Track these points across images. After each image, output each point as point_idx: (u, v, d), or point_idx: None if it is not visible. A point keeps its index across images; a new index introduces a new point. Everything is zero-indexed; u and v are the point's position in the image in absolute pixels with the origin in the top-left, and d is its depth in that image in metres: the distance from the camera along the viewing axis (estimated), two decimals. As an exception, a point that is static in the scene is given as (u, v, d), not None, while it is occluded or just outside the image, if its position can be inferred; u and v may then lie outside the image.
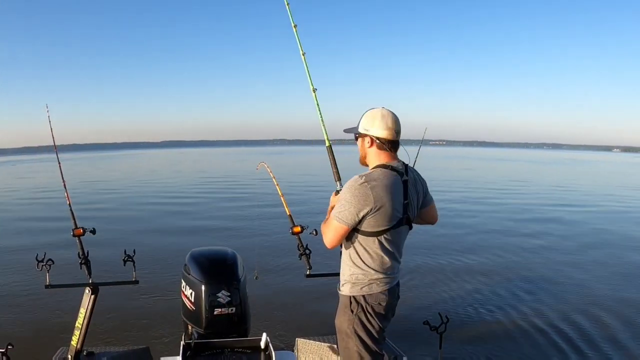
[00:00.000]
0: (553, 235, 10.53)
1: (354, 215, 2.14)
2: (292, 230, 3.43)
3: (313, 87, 2.69)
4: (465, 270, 7.50)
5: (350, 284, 2.27)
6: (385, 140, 2.23)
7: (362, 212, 2.13)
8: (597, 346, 4.79)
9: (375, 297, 2.25)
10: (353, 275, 2.26)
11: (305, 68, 2.72)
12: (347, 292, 2.28)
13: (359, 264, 2.24)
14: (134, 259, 3.26)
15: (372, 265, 2.23)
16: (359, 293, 2.25)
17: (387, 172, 2.20)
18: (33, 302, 5.82)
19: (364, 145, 2.30)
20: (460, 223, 11.69)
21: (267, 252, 8.01)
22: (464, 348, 4.59)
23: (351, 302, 2.26)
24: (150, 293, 6.04)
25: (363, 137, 2.29)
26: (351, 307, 2.26)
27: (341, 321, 2.31)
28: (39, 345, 4.41)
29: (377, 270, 2.24)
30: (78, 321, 3.25)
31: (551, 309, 5.81)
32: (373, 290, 2.25)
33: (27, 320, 5.38)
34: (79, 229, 3.29)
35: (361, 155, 2.35)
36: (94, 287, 3.23)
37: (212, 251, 3.16)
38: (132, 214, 13.86)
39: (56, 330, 4.86)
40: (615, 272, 7.53)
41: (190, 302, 2.86)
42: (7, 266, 7.80)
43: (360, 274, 2.24)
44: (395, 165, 2.24)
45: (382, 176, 2.18)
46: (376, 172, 2.21)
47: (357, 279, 2.25)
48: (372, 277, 2.24)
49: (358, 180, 2.15)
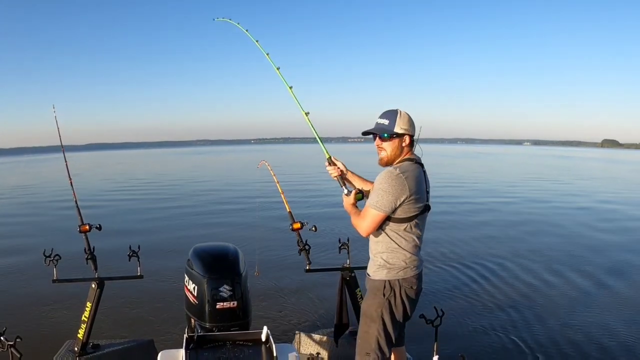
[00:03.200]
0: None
1: (392, 203, 2.25)
2: (292, 227, 3.44)
3: (305, 112, 2.80)
4: (460, 262, 7.51)
5: (387, 269, 2.35)
6: (413, 138, 2.42)
7: (399, 200, 2.24)
8: (593, 337, 4.82)
9: (409, 281, 2.35)
10: (389, 261, 2.35)
11: (295, 100, 2.83)
12: (383, 276, 2.36)
13: (395, 249, 2.34)
14: (138, 254, 3.26)
15: (406, 248, 2.33)
16: (395, 277, 2.34)
17: (414, 164, 2.36)
18: (40, 297, 5.83)
19: (400, 145, 2.38)
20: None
21: (268, 249, 8.01)
22: (460, 341, 4.60)
23: (385, 287, 2.34)
24: (155, 287, 6.05)
25: (401, 137, 2.38)
26: (384, 290, 2.34)
27: (369, 304, 2.40)
28: (47, 338, 4.41)
29: (411, 253, 2.35)
30: (84, 314, 3.25)
31: (546, 302, 5.84)
32: (407, 275, 2.35)
33: (35, 314, 5.39)
34: (85, 225, 3.30)
35: (392, 155, 2.40)
36: (100, 281, 3.24)
37: (214, 247, 3.16)
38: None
39: (63, 323, 4.87)
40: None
41: (193, 296, 2.86)
42: (15, 261, 7.81)
43: (396, 259, 2.34)
44: (416, 158, 2.42)
45: (411, 168, 2.33)
46: (405, 164, 2.34)
47: (393, 264, 2.34)
48: (407, 260, 2.34)
49: (394, 172, 2.27)
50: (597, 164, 47.59)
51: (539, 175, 28.41)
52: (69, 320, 4.66)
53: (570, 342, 4.71)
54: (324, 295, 5.79)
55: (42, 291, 5.90)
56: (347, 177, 2.68)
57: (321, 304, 5.56)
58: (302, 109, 2.80)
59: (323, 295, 5.83)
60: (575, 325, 5.17)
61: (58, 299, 5.59)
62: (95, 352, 3.31)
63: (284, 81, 2.89)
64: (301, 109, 2.81)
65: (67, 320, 4.84)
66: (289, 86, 2.87)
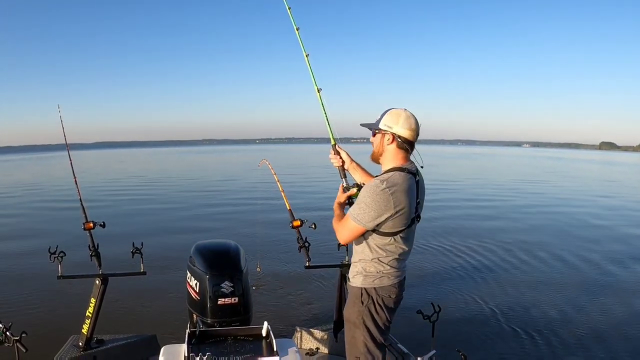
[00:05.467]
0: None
1: (374, 220, 2.11)
2: (292, 224, 3.44)
3: (318, 88, 2.60)
4: (457, 258, 7.52)
5: (363, 276, 2.25)
6: (406, 140, 2.20)
7: (382, 217, 2.10)
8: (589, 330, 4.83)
9: (387, 289, 2.24)
10: (365, 269, 2.24)
11: (309, 69, 2.62)
12: (359, 284, 2.26)
13: (374, 260, 2.22)
14: (142, 251, 3.26)
15: (385, 261, 2.21)
16: (371, 285, 2.23)
17: (404, 175, 2.16)
18: (45, 293, 5.83)
19: (383, 142, 2.22)
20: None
21: (269, 246, 8.01)
22: (456, 336, 4.61)
23: (362, 294, 2.24)
24: (157, 284, 6.05)
25: (384, 133, 2.22)
26: (362, 298, 2.24)
27: (350, 312, 2.30)
28: (52, 333, 4.41)
29: (391, 265, 2.22)
30: (89, 310, 3.26)
31: (543, 297, 5.85)
32: (384, 283, 2.23)
33: (40, 309, 5.40)
34: (89, 222, 3.30)
35: (376, 151, 2.27)
36: (104, 277, 3.24)
37: (216, 244, 3.17)
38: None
39: (68, 318, 4.86)
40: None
41: (195, 292, 2.86)
42: (20, 258, 7.80)
43: (373, 268, 2.23)
44: (409, 167, 2.22)
45: (401, 180, 2.14)
46: (395, 176, 2.15)
47: (369, 272, 2.23)
48: (384, 270, 2.22)
49: (380, 186, 2.10)
50: (584, 165, 47.97)
51: (522, 175, 28.91)
52: (74, 315, 4.64)
53: (568, 334, 4.74)
54: (323, 292, 5.80)
55: (47, 287, 5.90)
56: (351, 168, 2.51)
57: (320, 300, 5.56)
58: (314, 81, 2.58)
59: (322, 291, 5.84)
60: (570, 316, 5.20)
61: (63, 295, 5.58)
62: (99, 347, 3.31)
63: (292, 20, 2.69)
64: (314, 81, 2.58)
65: (71, 315, 4.84)
66: (296, 27, 2.66)
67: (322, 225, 3.33)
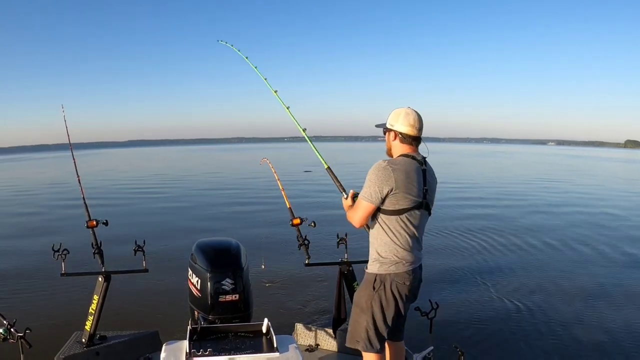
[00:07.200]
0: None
1: (378, 193, 2.23)
2: (292, 222, 3.44)
3: (302, 128, 3.03)
4: (454, 255, 7.52)
5: (379, 263, 2.32)
6: (407, 135, 2.34)
7: (384, 190, 2.22)
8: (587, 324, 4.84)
9: (401, 276, 2.29)
10: (380, 253, 2.32)
11: (293, 119, 3.06)
12: (375, 270, 2.33)
13: (387, 242, 2.29)
14: (144, 249, 3.26)
15: (398, 242, 2.28)
16: (386, 272, 2.30)
17: (408, 159, 2.32)
18: (49, 290, 5.84)
19: (389, 139, 2.42)
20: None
21: (268, 243, 8.01)
22: (454, 333, 4.61)
23: (375, 279, 2.31)
24: (159, 281, 6.06)
25: (389, 131, 2.41)
26: (374, 284, 2.31)
27: (360, 295, 2.37)
28: (56, 330, 4.42)
29: (403, 248, 2.29)
30: (91, 307, 3.26)
31: (540, 293, 5.86)
32: (399, 270, 2.29)
33: (43, 306, 5.40)
34: (92, 220, 3.30)
35: (387, 147, 2.46)
36: (107, 275, 3.24)
37: (217, 242, 3.17)
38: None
39: (71, 315, 4.87)
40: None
41: (197, 289, 2.87)
42: (23, 256, 7.81)
43: (388, 252, 2.29)
44: (415, 156, 2.36)
45: (403, 162, 2.30)
46: (398, 159, 2.34)
47: (384, 258, 2.30)
48: (398, 255, 2.29)
49: (382, 164, 2.27)
50: (605, 164, 46.86)
51: (539, 173, 28.68)
52: (77, 312, 4.65)
53: (564, 329, 4.74)
54: (323, 289, 5.81)
55: (51, 285, 5.91)
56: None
57: (320, 297, 5.57)
58: (298, 126, 3.02)
59: (322, 288, 5.85)
60: (568, 315, 5.20)
61: (66, 292, 5.59)
62: (102, 343, 3.32)
63: (282, 103, 3.14)
64: (298, 126, 3.02)
65: (74, 312, 4.84)
66: (286, 106, 3.09)
67: (322, 224, 3.34)
